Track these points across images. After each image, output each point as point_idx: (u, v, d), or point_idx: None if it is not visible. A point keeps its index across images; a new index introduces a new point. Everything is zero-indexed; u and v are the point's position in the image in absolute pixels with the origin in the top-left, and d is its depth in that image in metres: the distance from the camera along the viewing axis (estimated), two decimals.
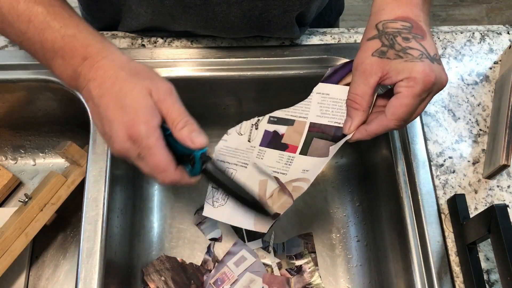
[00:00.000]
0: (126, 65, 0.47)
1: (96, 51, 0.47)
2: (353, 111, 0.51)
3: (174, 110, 0.46)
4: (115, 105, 0.45)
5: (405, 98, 0.47)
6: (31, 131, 0.78)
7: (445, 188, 0.61)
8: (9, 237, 0.64)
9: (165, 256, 0.73)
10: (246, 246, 0.75)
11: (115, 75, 0.46)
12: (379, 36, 0.50)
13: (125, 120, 0.44)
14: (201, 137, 0.46)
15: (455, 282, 0.56)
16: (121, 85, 0.45)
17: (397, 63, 0.48)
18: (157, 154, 0.45)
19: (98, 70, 0.47)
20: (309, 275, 0.73)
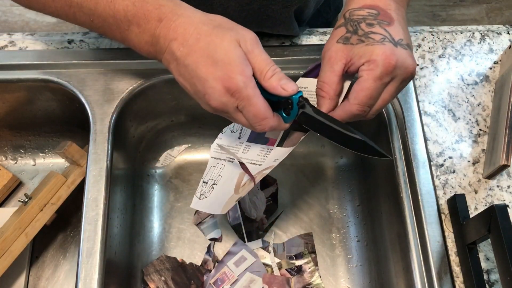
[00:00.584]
0: (205, 19, 0.46)
1: (170, 10, 0.46)
2: (320, 99, 0.50)
3: (261, 60, 0.45)
4: (206, 61, 0.44)
5: (366, 81, 0.47)
6: (31, 131, 0.78)
7: (445, 188, 0.61)
8: (9, 237, 0.64)
9: (165, 256, 0.73)
10: (246, 246, 0.75)
11: (197, 31, 0.45)
12: (345, 23, 0.50)
13: (220, 74, 0.44)
14: (291, 83, 0.46)
15: (455, 282, 0.56)
16: (208, 40, 0.45)
17: (359, 48, 0.48)
18: (257, 103, 0.45)
19: (177, 29, 0.46)
20: (309, 275, 0.73)
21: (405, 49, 0.48)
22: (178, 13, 0.47)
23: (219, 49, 0.44)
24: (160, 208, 0.78)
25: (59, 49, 0.68)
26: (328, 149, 0.83)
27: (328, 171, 0.82)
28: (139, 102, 0.68)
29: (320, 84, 0.50)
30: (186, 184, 0.80)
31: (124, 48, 0.68)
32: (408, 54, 0.48)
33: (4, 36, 0.69)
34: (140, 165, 0.79)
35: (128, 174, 0.73)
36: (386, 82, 0.47)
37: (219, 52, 0.44)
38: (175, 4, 0.48)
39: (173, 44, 0.46)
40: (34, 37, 0.69)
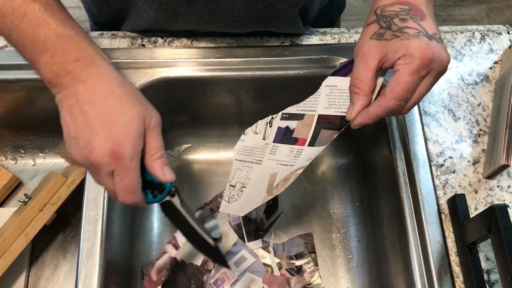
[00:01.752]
0: (120, 82, 0.47)
1: (91, 57, 0.47)
2: (355, 96, 0.50)
3: (155, 141, 0.48)
4: (106, 119, 0.45)
5: (403, 75, 0.47)
6: (31, 131, 0.78)
7: (445, 188, 0.61)
8: (9, 237, 0.64)
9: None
10: (246, 246, 0.75)
11: (109, 88, 0.46)
12: (377, 20, 0.50)
13: (114, 136, 0.45)
14: (171, 173, 0.48)
15: (455, 282, 0.56)
16: (117, 102, 0.46)
17: (394, 43, 0.48)
18: (133, 177, 0.46)
19: (90, 75, 0.46)
20: (309, 275, 0.73)
21: (439, 43, 0.48)
22: (97, 63, 0.47)
23: (125, 115, 0.45)
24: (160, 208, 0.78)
25: None
26: (328, 149, 0.83)
27: (328, 171, 0.82)
28: None
29: (354, 81, 0.50)
30: (186, 184, 0.80)
31: (124, 48, 0.68)
32: (442, 48, 0.48)
33: None
34: None
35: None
36: (423, 75, 0.47)
37: (123, 118, 0.45)
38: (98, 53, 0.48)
39: (79, 86, 0.46)
40: None
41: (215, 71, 0.67)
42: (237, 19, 0.61)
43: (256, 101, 0.73)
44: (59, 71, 0.47)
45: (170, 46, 0.68)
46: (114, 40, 0.69)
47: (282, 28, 0.66)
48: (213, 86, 0.70)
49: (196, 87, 0.69)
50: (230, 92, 0.71)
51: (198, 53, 0.67)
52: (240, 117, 0.77)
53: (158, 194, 0.50)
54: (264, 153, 0.56)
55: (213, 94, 0.72)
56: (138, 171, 0.46)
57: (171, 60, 0.67)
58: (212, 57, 0.67)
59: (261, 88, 0.70)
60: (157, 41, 0.69)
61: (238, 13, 0.60)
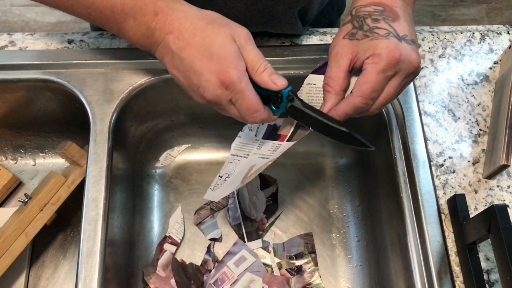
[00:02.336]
0: (200, 14, 0.48)
1: (166, 5, 0.48)
2: (326, 94, 0.51)
3: (254, 55, 0.47)
4: (202, 55, 0.46)
5: (370, 74, 0.47)
6: (31, 131, 0.78)
7: (445, 188, 0.61)
8: (9, 237, 0.64)
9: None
10: (246, 246, 0.75)
11: (192, 26, 0.47)
12: (352, 20, 0.51)
13: (215, 68, 0.46)
14: (281, 78, 0.48)
15: (455, 282, 0.56)
16: (203, 35, 0.46)
17: (364, 43, 0.48)
18: (249, 96, 0.47)
19: (173, 22, 0.47)
20: (309, 275, 0.73)
21: (410, 45, 0.49)
22: (174, 7, 0.48)
23: (214, 44, 0.46)
24: (160, 208, 0.78)
25: (59, 49, 0.68)
26: (328, 149, 0.83)
27: (328, 171, 0.82)
28: (139, 102, 0.68)
29: (326, 79, 0.51)
30: (186, 184, 0.80)
31: (124, 48, 0.68)
32: (412, 49, 0.48)
33: (4, 36, 0.69)
34: (140, 165, 0.79)
35: (128, 174, 0.73)
36: (389, 75, 0.48)
37: (214, 46, 0.46)
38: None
39: (168, 38, 0.47)
40: (34, 37, 0.69)
41: None
42: (235, 20, 0.61)
43: None
44: (146, 31, 0.49)
45: None
46: (114, 40, 0.69)
47: (281, 29, 0.66)
48: None
49: None
50: None
51: None
52: None
53: (279, 104, 0.50)
54: (252, 148, 0.58)
55: None
56: (251, 90, 0.47)
57: None
58: None
59: None
60: None
61: (237, 15, 0.60)
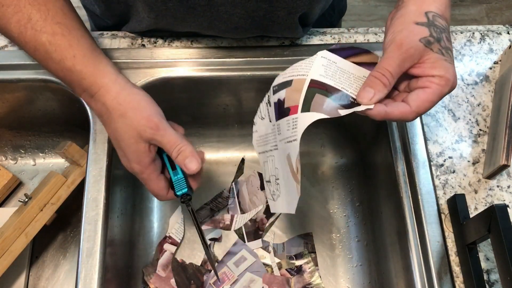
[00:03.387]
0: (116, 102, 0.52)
1: (90, 85, 0.53)
2: (380, 85, 0.48)
3: (165, 143, 0.52)
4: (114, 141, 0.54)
5: (433, 95, 0.47)
6: (31, 131, 0.78)
7: (445, 188, 0.61)
8: (9, 237, 0.64)
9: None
10: (246, 246, 0.75)
11: (107, 114, 0.53)
12: (428, 25, 0.49)
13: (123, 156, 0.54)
14: (192, 163, 0.52)
15: (455, 282, 0.56)
16: (115, 126, 0.52)
17: (437, 58, 0.48)
18: (151, 184, 0.54)
19: (96, 102, 0.53)
20: (309, 275, 0.73)
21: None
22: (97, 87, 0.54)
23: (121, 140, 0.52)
24: (160, 208, 0.78)
25: None
26: (328, 149, 0.83)
27: (328, 171, 0.82)
28: None
29: (384, 70, 0.48)
30: None
31: (124, 48, 0.68)
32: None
33: None
34: None
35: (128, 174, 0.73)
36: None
37: (121, 143, 0.53)
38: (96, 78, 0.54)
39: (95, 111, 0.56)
40: None
41: (215, 71, 0.67)
42: (236, 26, 0.61)
43: (256, 101, 0.73)
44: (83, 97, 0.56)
45: (170, 46, 0.68)
46: (114, 40, 0.69)
47: (281, 34, 0.66)
48: (213, 86, 0.70)
49: (196, 87, 0.69)
50: (230, 92, 0.71)
51: (198, 53, 0.67)
52: (240, 117, 0.77)
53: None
54: (275, 136, 0.53)
55: (213, 94, 0.72)
56: (154, 179, 0.54)
57: (171, 60, 0.67)
58: (212, 57, 0.67)
59: (261, 88, 0.70)
60: (157, 41, 0.69)
61: (238, 21, 0.60)
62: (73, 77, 0.53)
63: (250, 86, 0.70)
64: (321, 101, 0.48)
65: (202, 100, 0.73)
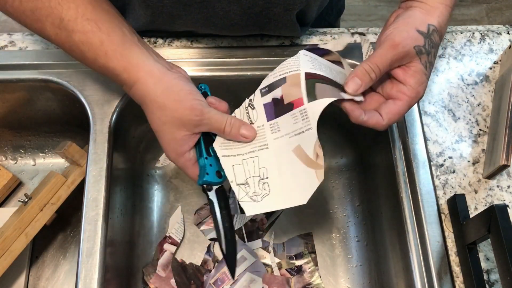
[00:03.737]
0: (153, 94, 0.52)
1: (125, 80, 0.52)
2: (368, 79, 0.50)
3: (214, 123, 0.52)
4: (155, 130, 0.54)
5: (403, 107, 0.51)
6: (31, 131, 0.78)
7: (445, 188, 0.61)
8: (9, 237, 0.64)
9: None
10: (246, 246, 0.75)
11: (145, 106, 0.53)
12: (426, 36, 0.51)
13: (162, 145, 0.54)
14: (248, 130, 0.53)
15: (455, 282, 0.56)
16: (152, 118, 0.52)
17: (420, 69, 0.50)
18: (187, 171, 0.55)
19: (134, 95, 0.53)
20: (309, 275, 0.73)
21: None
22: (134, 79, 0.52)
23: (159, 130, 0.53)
24: (160, 208, 0.78)
25: (59, 49, 0.68)
26: (328, 149, 0.83)
27: (328, 171, 0.82)
28: None
29: (374, 66, 0.50)
30: (186, 184, 0.80)
31: None
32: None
33: (4, 36, 0.69)
34: (140, 165, 0.79)
35: (128, 174, 0.73)
36: None
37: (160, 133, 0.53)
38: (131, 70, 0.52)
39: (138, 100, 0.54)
40: (34, 37, 0.69)
41: (215, 71, 0.67)
42: (232, 23, 0.61)
43: None
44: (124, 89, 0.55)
45: (170, 46, 0.68)
46: None
47: (278, 32, 0.66)
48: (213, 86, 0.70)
49: None
50: (230, 92, 0.71)
51: (198, 53, 0.67)
52: None
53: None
54: (265, 136, 0.52)
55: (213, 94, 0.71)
56: (189, 167, 0.54)
57: (171, 60, 0.66)
58: (212, 57, 0.67)
59: None
60: (157, 41, 0.69)
61: (234, 18, 0.60)
62: (110, 73, 0.53)
63: (250, 86, 0.69)
64: (324, 88, 0.50)
65: None
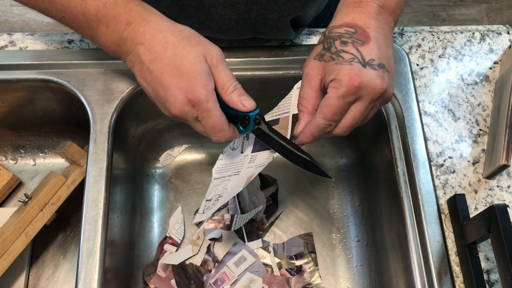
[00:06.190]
0: (173, 29, 0.48)
1: (139, 15, 0.48)
2: (300, 114, 0.51)
3: (225, 75, 0.48)
4: (171, 70, 0.47)
5: (330, 98, 0.48)
6: (31, 131, 0.78)
7: (445, 188, 0.61)
8: (9, 237, 0.64)
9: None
10: (246, 246, 0.75)
11: (164, 40, 0.47)
12: (323, 41, 0.51)
13: (183, 85, 0.46)
14: (250, 100, 0.49)
15: (455, 282, 0.56)
16: (175, 51, 0.47)
17: (330, 65, 0.49)
18: (215, 116, 0.48)
19: (145, 34, 0.48)
20: (309, 275, 0.73)
21: (375, 70, 0.48)
22: (147, 19, 0.48)
23: (185, 61, 0.47)
24: (160, 208, 0.78)
25: (59, 49, 0.68)
26: (328, 149, 0.83)
27: (328, 171, 0.82)
28: (139, 102, 0.68)
29: (299, 99, 0.52)
30: (186, 184, 0.80)
31: None
32: (376, 75, 0.48)
33: (4, 36, 0.69)
34: (140, 165, 0.79)
35: (128, 174, 0.73)
36: (350, 101, 0.48)
37: (185, 64, 0.47)
38: (145, 9, 0.49)
39: (139, 48, 0.48)
40: (34, 37, 0.69)
41: None
42: (227, 27, 0.61)
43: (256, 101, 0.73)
44: (118, 39, 0.49)
45: None
46: None
47: (273, 35, 0.66)
48: None
49: None
50: None
51: None
52: None
53: (246, 126, 0.51)
54: (243, 165, 0.57)
55: None
56: (217, 109, 0.48)
57: None
58: None
59: (261, 88, 0.70)
60: None
61: (229, 22, 0.60)
62: (117, 9, 0.48)
63: (250, 86, 0.70)
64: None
65: None
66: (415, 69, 0.68)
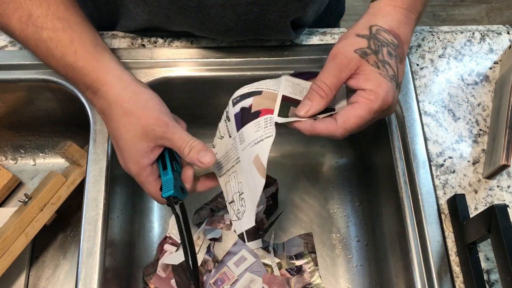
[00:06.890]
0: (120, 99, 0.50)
1: (92, 81, 0.52)
2: (317, 98, 0.49)
3: (176, 140, 0.50)
4: (114, 141, 0.52)
5: (361, 110, 0.47)
6: (31, 131, 0.78)
7: (445, 188, 0.61)
8: (9, 237, 0.64)
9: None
10: (246, 246, 0.75)
11: (110, 111, 0.51)
12: (369, 37, 0.50)
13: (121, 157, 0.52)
14: (206, 156, 0.50)
15: (455, 282, 0.56)
16: (117, 125, 0.50)
17: (371, 71, 0.48)
18: (148, 189, 0.52)
19: (99, 99, 0.52)
20: (309, 275, 0.73)
21: (399, 92, 0.50)
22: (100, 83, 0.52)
23: (121, 140, 0.50)
24: (160, 208, 0.78)
25: None
26: (328, 149, 0.83)
27: (328, 171, 0.82)
28: None
29: (320, 82, 0.49)
30: None
31: (124, 48, 0.68)
32: (397, 96, 0.50)
33: (4, 36, 0.69)
34: None
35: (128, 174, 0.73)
36: (375, 117, 0.48)
37: (120, 142, 0.51)
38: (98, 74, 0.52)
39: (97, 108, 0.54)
40: None
41: (215, 71, 0.67)
42: (227, 28, 0.61)
43: None
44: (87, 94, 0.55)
45: (170, 46, 0.68)
46: (114, 41, 0.69)
47: (274, 36, 0.66)
48: (213, 86, 0.70)
49: (196, 87, 0.69)
50: (230, 92, 0.71)
51: (198, 53, 0.67)
52: None
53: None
54: (237, 149, 0.53)
55: (213, 94, 0.72)
56: (150, 182, 0.52)
57: (171, 60, 0.67)
58: (212, 57, 0.67)
59: None
60: (157, 41, 0.69)
61: (229, 24, 0.60)
62: (76, 74, 0.52)
63: None
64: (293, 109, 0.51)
65: (202, 100, 0.73)
66: (415, 69, 0.68)
